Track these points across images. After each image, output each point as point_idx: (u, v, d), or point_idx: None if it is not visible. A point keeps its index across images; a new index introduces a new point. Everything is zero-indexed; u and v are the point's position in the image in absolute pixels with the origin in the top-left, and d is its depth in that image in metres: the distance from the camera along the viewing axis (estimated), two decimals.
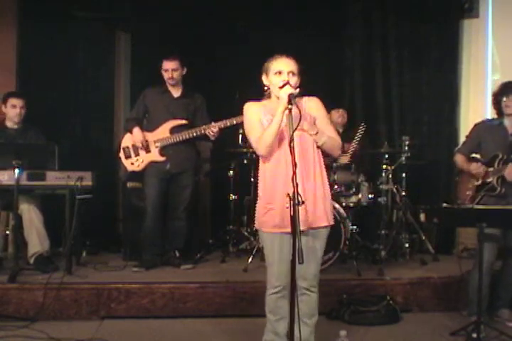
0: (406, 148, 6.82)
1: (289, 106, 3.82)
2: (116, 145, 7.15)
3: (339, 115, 7.01)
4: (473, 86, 7.59)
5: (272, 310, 4.08)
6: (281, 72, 4.01)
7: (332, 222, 4.16)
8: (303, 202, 3.68)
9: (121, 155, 6.45)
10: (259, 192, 4.18)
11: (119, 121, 7.91)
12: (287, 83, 3.92)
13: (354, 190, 6.48)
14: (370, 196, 6.57)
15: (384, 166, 6.77)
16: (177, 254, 6.41)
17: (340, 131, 7.00)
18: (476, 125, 5.61)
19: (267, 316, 4.13)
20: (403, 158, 6.82)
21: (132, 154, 6.37)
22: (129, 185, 6.96)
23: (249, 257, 6.25)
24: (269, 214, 4.01)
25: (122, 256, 6.83)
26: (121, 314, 5.42)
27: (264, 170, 4.11)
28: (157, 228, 6.38)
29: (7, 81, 7.14)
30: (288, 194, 3.70)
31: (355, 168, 6.57)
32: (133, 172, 6.52)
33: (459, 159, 5.54)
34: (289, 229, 3.72)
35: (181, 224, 6.41)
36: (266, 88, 4.15)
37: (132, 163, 6.38)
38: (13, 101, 6.35)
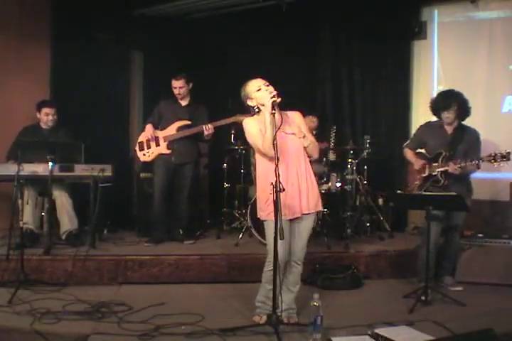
0: (367, 145, 6.83)
1: (273, 111, 3.89)
2: (131, 143, 7.17)
3: (310, 120, 6.93)
4: (422, 94, 7.53)
5: (267, 281, 4.10)
6: (260, 88, 4.05)
7: (319, 208, 4.23)
8: (283, 189, 3.71)
9: (137, 148, 6.44)
10: (259, 189, 4.18)
11: (134, 123, 7.90)
12: (275, 95, 3.96)
13: (325, 179, 6.47)
14: (338, 184, 6.55)
15: (349, 160, 6.77)
16: (181, 232, 6.38)
17: (313, 133, 7.00)
18: (421, 126, 5.66)
19: (263, 284, 4.18)
20: (365, 154, 6.82)
21: (145, 147, 6.34)
22: (142, 175, 6.96)
23: (239, 234, 6.24)
24: (270, 205, 3.92)
25: (136, 233, 6.81)
26: (136, 280, 5.41)
27: (263, 171, 4.12)
28: (164, 210, 6.37)
29: (42, 91, 7.08)
30: (271, 183, 3.72)
31: (325, 161, 6.60)
32: (144, 164, 6.52)
33: (408, 153, 5.59)
34: (287, 216, 3.94)
35: (184, 208, 6.39)
36: (255, 107, 4.14)
37: (144, 154, 6.35)
38: (46, 110, 6.29)
